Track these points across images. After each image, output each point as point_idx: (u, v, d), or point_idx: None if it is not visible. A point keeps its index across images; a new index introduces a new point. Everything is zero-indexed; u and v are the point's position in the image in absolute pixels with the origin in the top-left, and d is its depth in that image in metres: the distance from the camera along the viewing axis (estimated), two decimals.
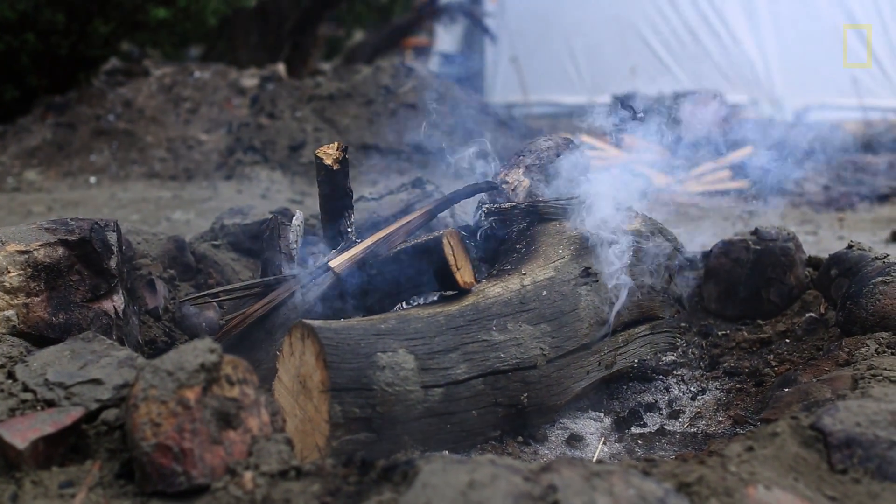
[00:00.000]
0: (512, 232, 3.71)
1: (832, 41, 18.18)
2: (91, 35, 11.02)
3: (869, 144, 12.64)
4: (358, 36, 19.63)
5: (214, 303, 4.03)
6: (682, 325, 4.43)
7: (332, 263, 3.37)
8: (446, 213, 4.51)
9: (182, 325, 4.14)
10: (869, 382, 3.12)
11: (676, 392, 3.82)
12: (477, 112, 10.52)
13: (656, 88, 16.80)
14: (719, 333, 4.47)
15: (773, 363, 4.00)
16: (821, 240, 7.85)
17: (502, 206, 3.73)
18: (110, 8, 10.86)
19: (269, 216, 4.30)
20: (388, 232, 3.43)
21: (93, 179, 9.46)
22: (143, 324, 3.99)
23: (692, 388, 3.86)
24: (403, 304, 3.59)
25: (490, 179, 3.88)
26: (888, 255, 4.12)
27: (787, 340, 4.21)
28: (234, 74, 10.86)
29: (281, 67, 11.49)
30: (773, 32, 18.22)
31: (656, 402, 3.71)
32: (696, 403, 3.73)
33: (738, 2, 18.12)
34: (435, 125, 9.80)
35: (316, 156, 3.60)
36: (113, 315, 3.56)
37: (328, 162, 3.58)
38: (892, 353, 3.53)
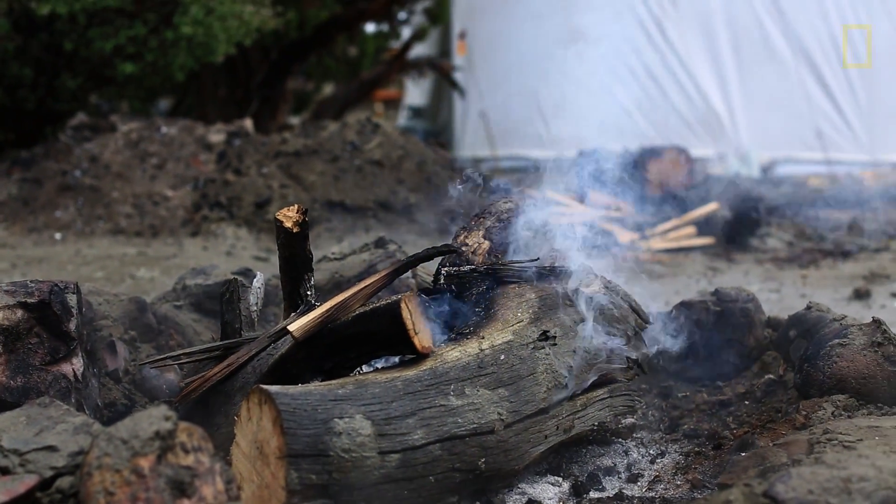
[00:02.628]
0: (471, 295, 3.72)
1: (798, 95, 18.38)
2: (59, 89, 11.03)
3: (833, 199, 12.75)
4: (328, 89, 19.70)
5: (175, 365, 4.02)
6: (643, 386, 4.46)
7: (291, 327, 3.37)
8: (408, 274, 4.52)
9: (142, 388, 4.13)
10: (824, 447, 3.14)
11: (635, 455, 3.83)
12: (442, 168, 10.55)
13: (623, 143, 16.95)
14: (679, 395, 4.49)
15: (733, 425, 4.02)
16: (784, 297, 7.90)
17: (461, 269, 3.75)
18: (78, 62, 10.87)
19: (231, 277, 4.31)
20: (347, 295, 3.43)
21: (58, 235, 9.44)
22: (103, 386, 3.98)
23: (651, 451, 3.87)
24: (362, 367, 3.59)
25: (449, 243, 3.89)
26: (846, 317, 4.16)
27: (747, 402, 4.23)
28: (201, 130, 10.87)
29: (248, 123, 11.52)
30: (739, 86, 18.41)
31: (615, 465, 3.72)
32: (655, 467, 3.74)
33: (705, 55, 18.31)
34: (401, 182, 9.87)
35: (276, 219, 3.61)
36: (72, 378, 3.55)
37: (288, 225, 3.59)
38: (849, 417, 3.56)
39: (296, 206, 3.66)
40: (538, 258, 3.82)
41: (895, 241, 10.57)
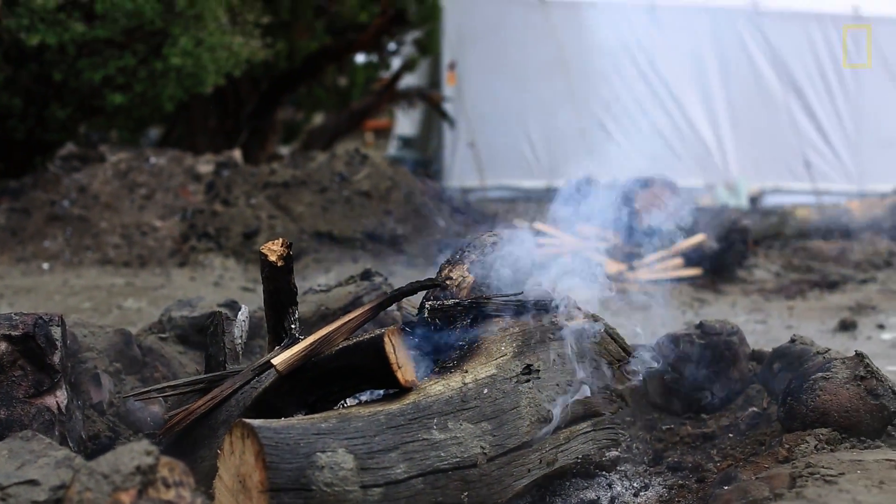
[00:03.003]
0: (455, 328, 3.73)
1: (787, 125, 18.47)
2: (48, 120, 11.04)
3: (820, 230, 12.79)
4: (318, 119, 19.74)
5: (159, 398, 4.02)
6: (627, 419, 4.46)
7: (275, 361, 3.37)
8: (394, 306, 4.53)
9: (127, 420, 4.13)
10: (806, 481, 3.15)
11: (619, 488, 3.84)
12: (431, 199, 10.57)
13: (612, 173, 16.97)
14: (664, 428, 4.50)
15: (716, 458, 4.03)
16: (770, 329, 7.91)
17: (445, 303, 3.75)
18: (67, 93, 10.89)
19: (216, 310, 4.31)
20: (330, 329, 3.44)
21: (46, 266, 9.44)
22: (88, 418, 3.98)
23: (635, 485, 3.88)
24: (346, 401, 3.60)
25: (433, 277, 3.90)
26: (829, 350, 4.18)
27: (731, 435, 4.24)
28: (189, 160, 10.88)
29: (237, 153, 11.54)
30: (728, 117, 18.49)
31: (598, 498, 3.72)
32: (639, 500, 3.74)
33: (694, 87, 18.39)
34: (389, 213, 9.89)
35: (260, 252, 3.62)
36: (56, 411, 3.55)
37: (272, 258, 3.60)
38: (831, 450, 3.57)
39: (280, 239, 3.67)
40: (522, 292, 3.83)
41: (882, 271, 10.60)
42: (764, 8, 18.59)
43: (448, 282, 3.93)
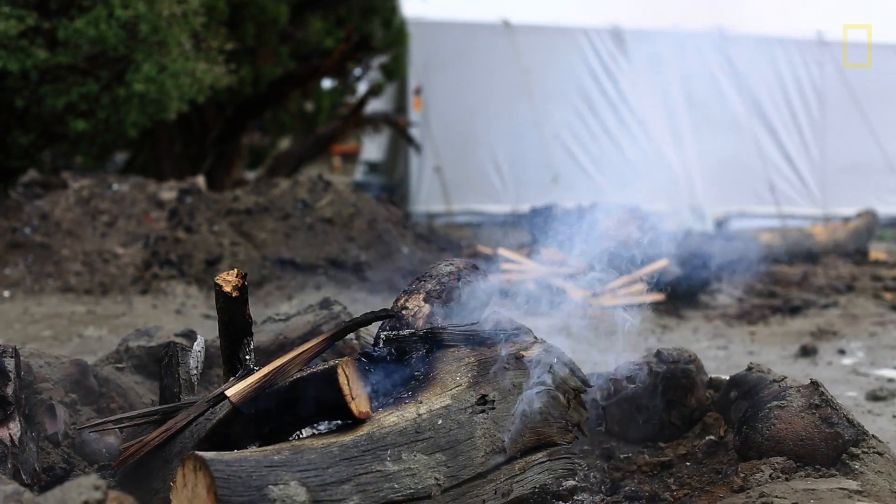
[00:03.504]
0: (411, 359, 3.72)
1: (752, 149, 18.58)
2: (10, 146, 10.99)
3: (783, 254, 12.85)
4: (284, 143, 19.73)
5: (115, 429, 4.00)
6: (585, 448, 4.47)
7: (229, 392, 3.36)
8: (352, 335, 4.53)
9: (82, 452, 4.10)
10: None
11: None
12: (394, 226, 10.57)
13: (578, 198, 17.03)
14: (621, 456, 4.50)
15: (673, 487, 4.04)
16: (731, 355, 7.94)
17: (401, 333, 3.75)
18: (30, 119, 10.84)
19: (171, 340, 4.30)
20: (285, 360, 3.43)
21: (7, 293, 9.38)
22: (42, 450, 3.95)
23: None
24: (301, 432, 3.59)
25: (388, 308, 3.90)
26: (785, 378, 4.19)
27: (688, 464, 4.25)
28: (152, 187, 10.85)
29: (200, 180, 11.51)
30: (693, 141, 18.57)
31: None
32: None
33: (660, 110, 18.48)
34: (352, 240, 9.88)
35: (215, 283, 3.61)
36: (8, 443, 3.53)
37: (227, 289, 3.59)
38: (786, 479, 3.58)
39: (235, 270, 3.66)
40: (478, 322, 3.83)
41: (844, 296, 10.66)
42: (729, 33, 18.71)
43: (404, 311, 3.93)
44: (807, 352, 7.90)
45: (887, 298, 10.60)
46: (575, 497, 3.99)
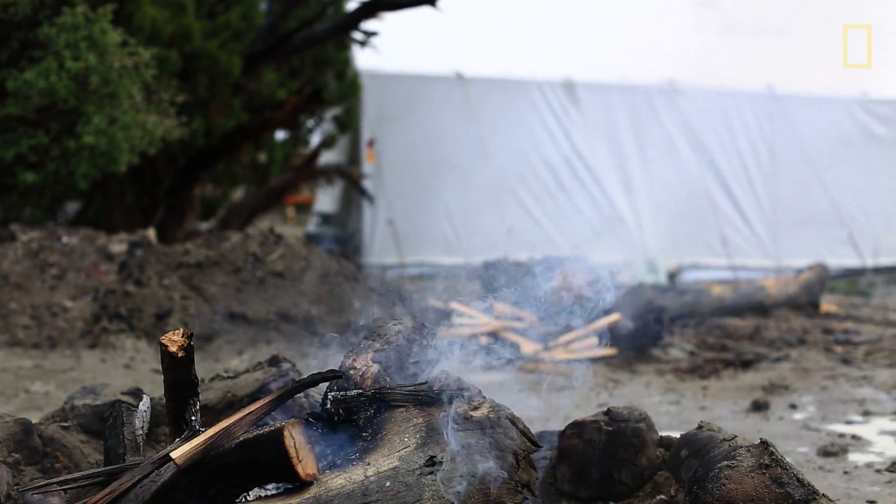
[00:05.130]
0: (359, 419, 3.69)
1: (703, 202, 18.70)
2: None
3: (736, 308, 12.90)
4: (237, 194, 19.68)
5: (59, 490, 3.93)
6: None
7: (174, 454, 3.31)
8: (300, 394, 4.48)
9: None
10: None
11: None
12: (346, 279, 10.54)
13: (531, 250, 17.10)
14: None
15: None
16: (683, 410, 7.94)
17: (348, 393, 3.72)
18: None
19: (116, 399, 4.24)
20: (231, 422, 3.39)
21: None
22: None
23: None
24: (247, 495, 3.54)
25: (335, 368, 3.87)
26: (735, 437, 4.18)
27: None
28: (102, 240, 10.76)
29: (151, 232, 11.43)
30: (645, 193, 18.69)
31: None
32: None
33: (612, 163, 18.60)
34: (303, 294, 9.84)
35: (160, 343, 3.57)
36: None
37: (173, 349, 3.55)
38: None
39: (181, 330, 3.62)
40: (426, 382, 3.81)
41: (795, 349, 10.71)
42: (679, 86, 18.89)
43: (352, 371, 3.90)
44: (759, 406, 7.91)
45: (838, 352, 10.66)
46: None
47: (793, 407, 8.04)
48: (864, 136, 19.51)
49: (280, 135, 18.04)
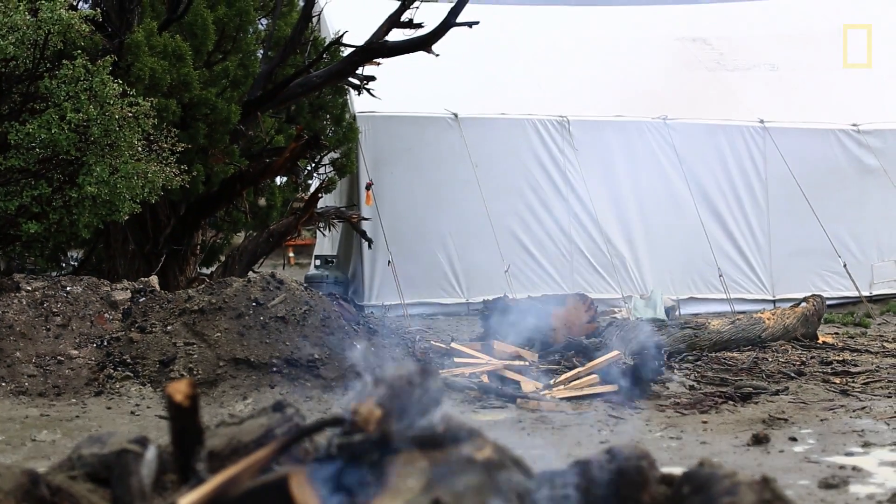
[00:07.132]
0: (364, 464, 3.76)
1: (699, 236, 18.76)
2: None
3: (734, 341, 12.96)
4: (238, 239, 19.73)
5: None
6: None
7: (182, 502, 3.38)
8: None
9: None
10: None
11: None
12: (348, 322, 10.61)
13: (530, 288, 17.18)
14: None
15: None
16: (684, 444, 7.99)
17: (353, 438, 3.79)
18: None
19: (123, 448, 4.30)
20: (237, 470, 3.46)
21: None
22: None
23: None
24: None
25: (339, 413, 3.94)
26: (736, 474, 4.24)
27: None
28: (105, 287, 10.84)
29: (153, 279, 11.52)
30: (641, 228, 18.77)
31: None
32: None
33: (608, 199, 18.66)
34: (305, 338, 9.91)
35: (166, 393, 3.65)
36: None
37: (178, 399, 3.63)
38: None
39: (187, 380, 3.70)
40: (430, 425, 3.88)
41: (794, 381, 10.77)
42: (672, 121, 18.98)
43: (356, 416, 3.97)
44: (759, 440, 7.97)
45: (837, 383, 10.72)
46: None
47: (793, 440, 8.10)
48: (855, 167, 19.59)
49: (280, 179, 18.11)
